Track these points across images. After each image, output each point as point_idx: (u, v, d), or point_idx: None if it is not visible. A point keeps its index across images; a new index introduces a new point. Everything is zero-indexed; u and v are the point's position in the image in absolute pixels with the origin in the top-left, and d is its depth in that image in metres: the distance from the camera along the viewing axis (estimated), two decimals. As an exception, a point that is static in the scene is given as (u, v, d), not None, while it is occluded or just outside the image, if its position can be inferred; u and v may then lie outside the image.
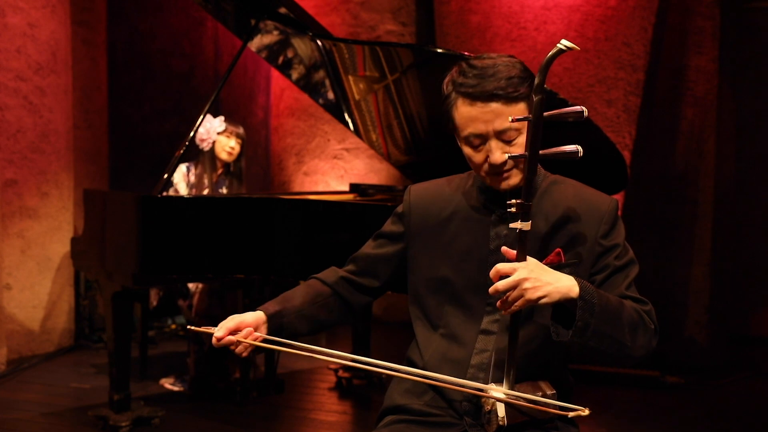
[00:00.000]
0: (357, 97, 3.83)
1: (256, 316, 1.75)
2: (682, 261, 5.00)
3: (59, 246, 4.97)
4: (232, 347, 1.71)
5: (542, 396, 1.62)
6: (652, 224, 5.06)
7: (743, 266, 5.43)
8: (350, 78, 3.77)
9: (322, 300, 1.86)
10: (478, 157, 1.69)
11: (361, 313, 1.96)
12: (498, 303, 1.56)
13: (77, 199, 4.98)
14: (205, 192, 4.25)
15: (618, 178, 3.39)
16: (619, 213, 1.78)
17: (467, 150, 1.71)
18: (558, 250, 1.63)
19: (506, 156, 1.64)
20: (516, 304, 1.53)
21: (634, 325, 1.62)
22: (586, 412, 1.52)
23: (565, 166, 1.70)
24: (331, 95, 4.05)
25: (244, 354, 1.73)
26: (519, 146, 1.64)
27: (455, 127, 1.72)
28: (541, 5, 4.90)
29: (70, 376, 4.51)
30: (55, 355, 4.92)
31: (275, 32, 3.88)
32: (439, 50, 3.25)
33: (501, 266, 1.54)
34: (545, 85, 1.51)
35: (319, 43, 3.72)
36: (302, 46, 3.90)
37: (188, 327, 1.88)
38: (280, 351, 1.75)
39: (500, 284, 1.53)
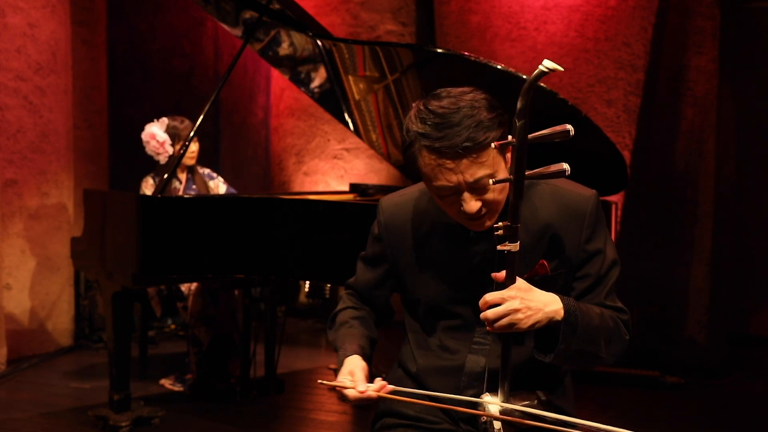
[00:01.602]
0: (357, 97, 3.83)
1: (363, 364, 1.68)
2: (682, 261, 5.00)
3: (59, 246, 4.96)
4: (365, 401, 1.63)
5: (537, 403, 1.63)
6: (652, 224, 5.05)
7: (743, 266, 5.42)
8: (350, 78, 3.77)
9: (371, 323, 1.87)
10: (450, 208, 1.62)
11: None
12: (488, 327, 1.54)
13: (77, 199, 4.98)
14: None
15: (618, 178, 3.39)
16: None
17: (438, 200, 1.63)
18: (542, 261, 1.60)
19: (480, 204, 1.58)
20: (508, 331, 1.53)
21: (610, 337, 1.64)
22: None
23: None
24: (331, 95, 4.05)
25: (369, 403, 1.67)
26: (492, 191, 1.58)
27: (422, 175, 1.63)
28: (541, 5, 4.90)
29: (70, 376, 4.51)
30: (55, 355, 4.92)
31: (275, 32, 3.88)
32: (439, 50, 3.25)
33: (490, 297, 1.52)
34: (545, 85, 1.49)
35: (319, 42, 3.72)
36: (302, 46, 3.90)
37: (320, 382, 1.72)
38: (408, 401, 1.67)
39: (490, 313, 1.51)
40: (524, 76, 2.94)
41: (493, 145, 1.52)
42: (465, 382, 1.70)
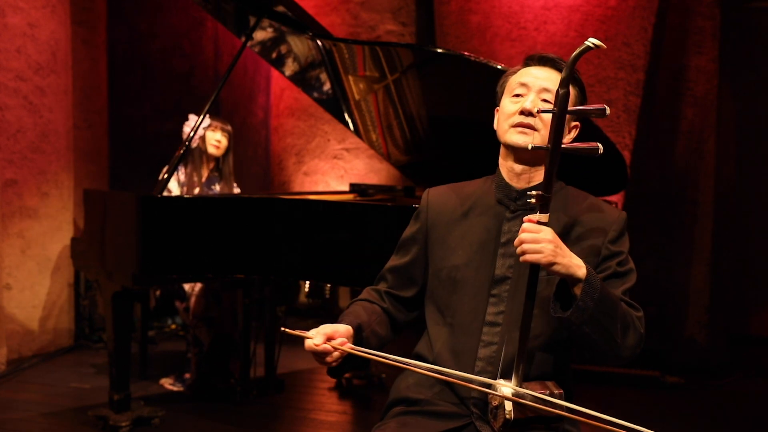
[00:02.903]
0: (357, 97, 3.83)
1: (345, 328, 1.74)
2: (682, 261, 5.00)
3: (59, 246, 4.97)
4: (326, 356, 1.68)
5: (549, 395, 1.64)
6: (652, 224, 5.05)
7: (743, 266, 5.43)
8: (350, 78, 3.77)
9: (380, 318, 1.88)
10: (512, 107, 1.78)
11: (403, 330, 1.98)
12: (518, 248, 1.59)
13: (77, 199, 4.98)
14: (197, 190, 4.25)
15: (618, 178, 3.39)
16: (618, 206, 1.82)
17: (506, 101, 1.81)
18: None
19: (537, 108, 1.72)
20: (533, 257, 1.57)
21: (626, 325, 1.68)
22: None
23: (566, 165, 1.72)
24: (331, 95, 4.05)
25: (334, 363, 1.70)
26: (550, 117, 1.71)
27: (505, 88, 1.84)
28: (541, 5, 4.90)
29: (70, 376, 4.51)
30: (55, 355, 4.92)
31: (275, 32, 3.88)
32: (439, 50, 3.25)
33: (529, 225, 1.59)
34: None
35: (319, 43, 3.72)
36: (302, 46, 3.90)
37: (282, 329, 1.76)
38: (370, 359, 1.70)
39: (526, 236, 1.58)
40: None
41: (536, 110, 1.70)
42: (480, 367, 1.74)
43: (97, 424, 3.58)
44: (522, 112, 1.75)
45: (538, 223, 1.59)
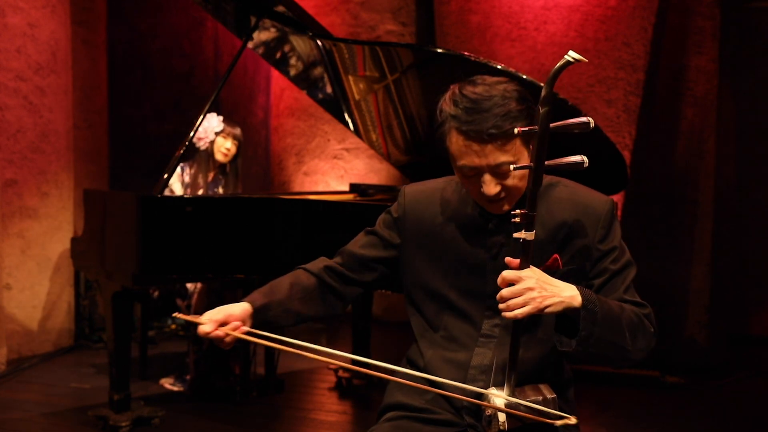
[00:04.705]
0: (357, 97, 3.84)
1: (243, 308, 1.73)
2: (682, 261, 5.00)
3: (59, 246, 4.96)
4: (220, 341, 1.70)
5: (542, 399, 1.62)
6: (652, 224, 5.06)
7: (743, 266, 5.43)
8: (350, 78, 3.77)
9: (307, 294, 1.83)
10: (472, 188, 1.69)
11: (350, 302, 1.94)
12: (501, 305, 1.54)
13: (77, 199, 4.97)
14: (200, 192, 4.25)
15: (618, 178, 3.39)
16: (618, 213, 1.78)
17: (461, 178, 1.71)
18: (555, 256, 1.63)
19: (500, 188, 1.64)
20: (521, 311, 1.52)
21: (634, 329, 1.64)
22: (573, 420, 1.55)
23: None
24: (331, 95, 4.05)
25: (228, 347, 1.73)
26: (513, 177, 1.63)
27: (449, 154, 1.69)
28: (541, 5, 4.90)
29: (70, 376, 4.51)
30: (55, 355, 4.92)
31: (275, 32, 3.88)
32: (439, 50, 3.25)
33: (507, 274, 1.53)
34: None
35: (319, 43, 3.72)
36: (302, 46, 3.90)
37: (174, 315, 1.80)
38: (263, 344, 1.73)
39: (506, 292, 1.52)
40: (524, 76, 2.94)
41: (516, 131, 1.56)
42: (472, 375, 1.71)
43: (97, 424, 3.58)
44: (487, 196, 1.65)
45: (523, 242, 1.52)
